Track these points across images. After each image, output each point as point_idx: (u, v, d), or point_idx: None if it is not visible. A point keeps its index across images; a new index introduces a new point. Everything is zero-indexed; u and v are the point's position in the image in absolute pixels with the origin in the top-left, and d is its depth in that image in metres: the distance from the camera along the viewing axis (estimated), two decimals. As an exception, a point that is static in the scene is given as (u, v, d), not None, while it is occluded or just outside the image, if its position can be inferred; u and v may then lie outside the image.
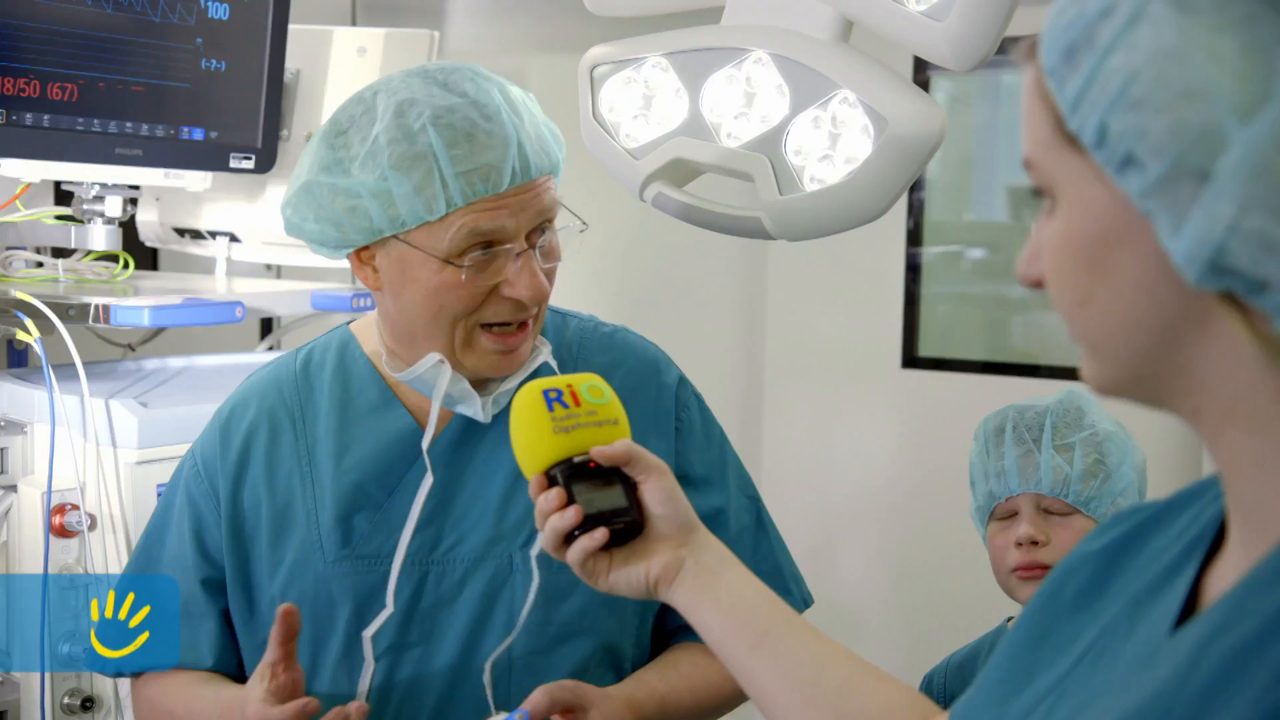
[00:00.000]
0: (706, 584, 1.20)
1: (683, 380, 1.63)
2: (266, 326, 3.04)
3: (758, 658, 1.16)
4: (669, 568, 1.20)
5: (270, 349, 2.75)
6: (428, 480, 1.50)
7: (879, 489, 3.43)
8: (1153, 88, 0.72)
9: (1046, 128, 0.79)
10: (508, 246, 1.44)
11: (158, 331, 2.61)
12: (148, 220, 2.64)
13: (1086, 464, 1.72)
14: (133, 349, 2.62)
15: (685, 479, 1.57)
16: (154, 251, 3.00)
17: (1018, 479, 1.73)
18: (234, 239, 2.60)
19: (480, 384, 1.52)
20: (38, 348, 1.91)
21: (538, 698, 1.35)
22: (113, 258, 2.39)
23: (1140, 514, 0.94)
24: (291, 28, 2.49)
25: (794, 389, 3.50)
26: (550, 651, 1.50)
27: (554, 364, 1.54)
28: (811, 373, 3.48)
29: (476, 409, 1.51)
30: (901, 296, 3.42)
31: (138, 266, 2.91)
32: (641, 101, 1.82)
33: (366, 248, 1.48)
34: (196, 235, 2.65)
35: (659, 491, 1.22)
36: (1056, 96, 0.77)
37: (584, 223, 1.53)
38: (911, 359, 3.39)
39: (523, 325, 1.49)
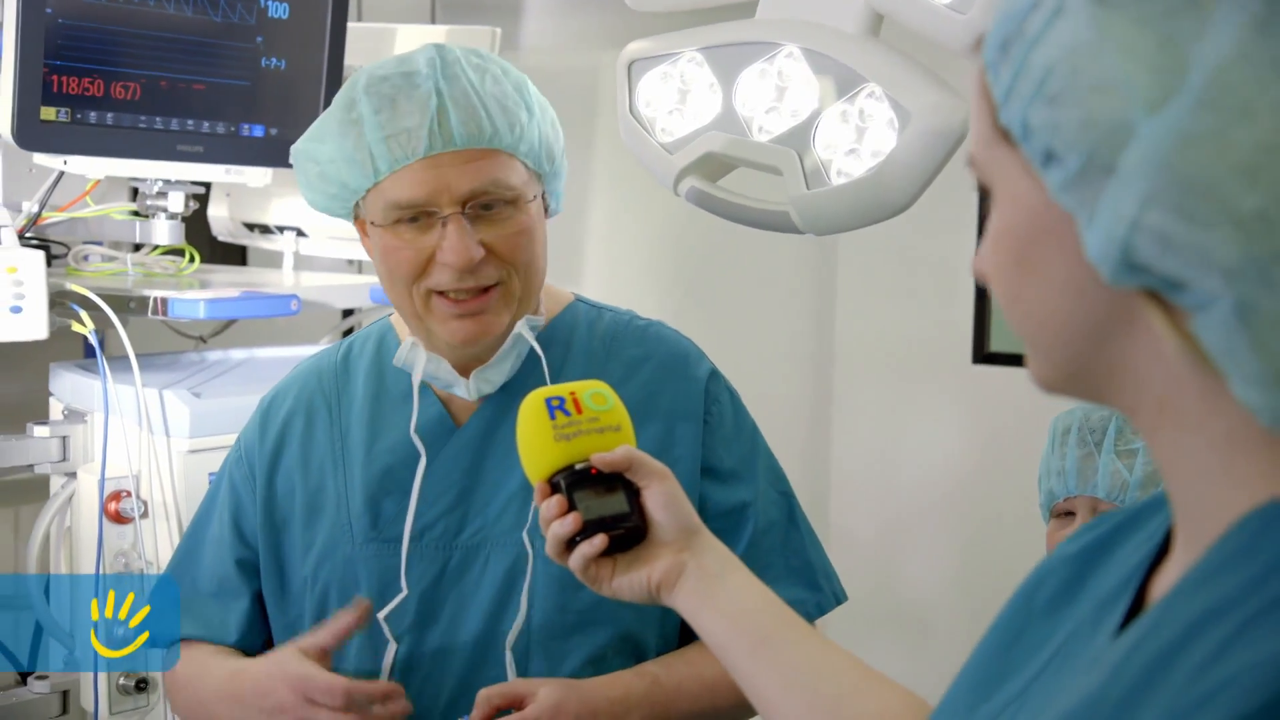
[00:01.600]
0: (708, 588, 1.20)
1: (714, 374, 1.63)
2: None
3: (756, 663, 1.17)
4: (670, 572, 1.21)
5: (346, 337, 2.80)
6: (421, 464, 1.54)
7: (948, 485, 3.40)
8: (1067, 82, 0.71)
9: (985, 122, 0.78)
10: (434, 211, 1.47)
11: (228, 324, 2.68)
12: (219, 216, 2.71)
13: (1147, 471, 1.71)
14: (204, 341, 2.68)
15: (714, 473, 1.58)
16: (243, 249, 3.07)
17: (1076, 480, 1.73)
18: (301, 234, 2.65)
19: (464, 368, 1.56)
20: (93, 339, 1.97)
21: (479, 702, 1.41)
22: (180, 252, 2.45)
23: (1117, 517, 0.94)
24: (356, 26, 2.53)
25: (863, 384, 3.48)
26: (567, 638, 1.53)
27: (532, 339, 1.55)
28: (881, 368, 3.46)
29: (462, 388, 1.55)
30: (972, 291, 3.38)
31: (226, 262, 2.99)
32: (677, 96, 1.83)
33: (359, 217, 1.54)
34: (265, 230, 2.70)
35: (661, 496, 1.23)
36: (993, 90, 0.77)
37: (547, 204, 1.57)
38: (983, 354, 3.35)
39: (483, 292, 1.50)
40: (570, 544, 1.22)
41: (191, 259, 2.45)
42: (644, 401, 1.57)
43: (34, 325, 1.86)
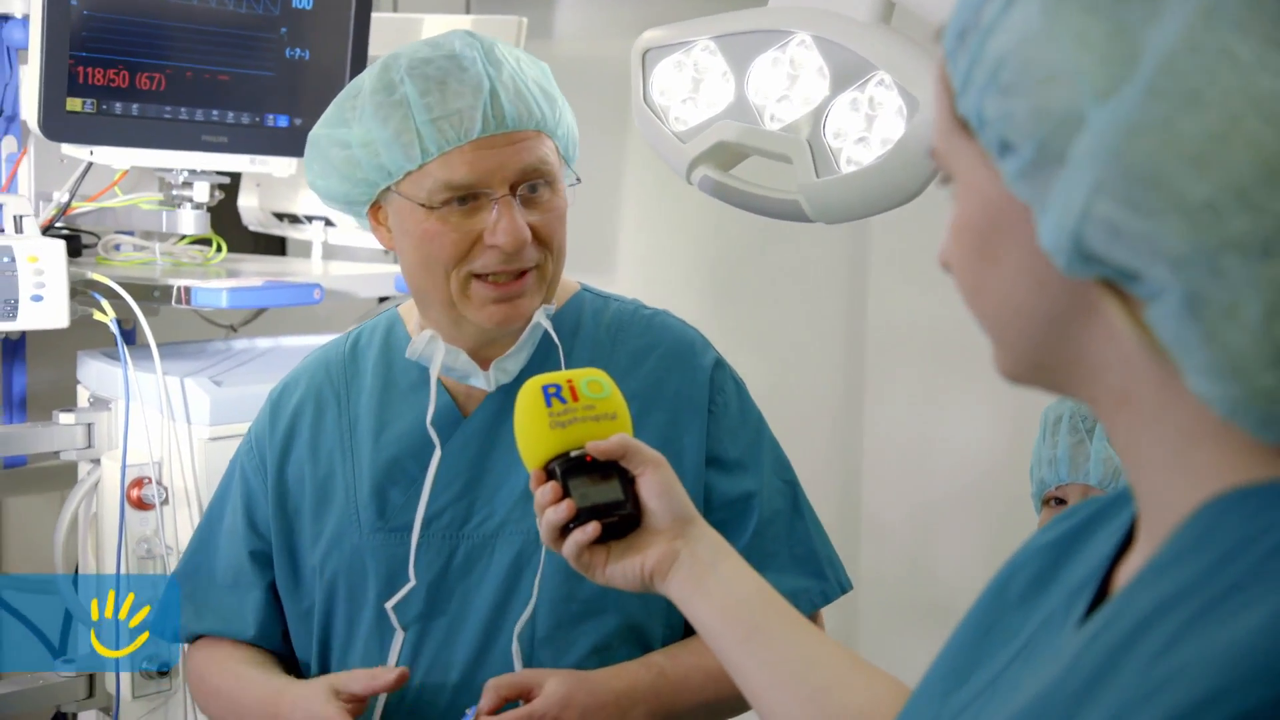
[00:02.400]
0: (699, 577, 1.20)
1: (719, 363, 1.63)
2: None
3: (745, 652, 1.17)
4: (663, 560, 1.21)
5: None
6: (436, 455, 1.54)
7: (981, 472, 3.38)
8: (1019, 71, 0.71)
9: (944, 112, 0.78)
10: (486, 192, 1.48)
11: (258, 313, 2.71)
12: (249, 206, 2.74)
13: None
14: (234, 330, 2.71)
15: (718, 462, 1.58)
16: (283, 239, 3.10)
17: (1068, 468, 1.72)
18: (329, 223, 2.67)
19: (482, 358, 1.56)
20: (113, 328, 1.99)
21: (487, 692, 1.42)
22: (206, 241, 2.47)
23: (1091, 507, 0.93)
24: (382, 16, 2.55)
25: (896, 372, 3.47)
26: (572, 627, 1.53)
27: (550, 327, 1.56)
28: (913, 355, 3.44)
29: (480, 379, 1.56)
30: (1005, 279, 3.34)
31: (268, 253, 3.02)
32: (690, 85, 1.83)
33: (379, 206, 1.54)
34: (295, 220, 2.73)
35: (655, 484, 1.23)
36: (951, 80, 0.77)
37: (577, 178, 1.58)
38: (1014, 343, 3.33)
39: (520, 275, 1.51)
40: (564, 531, 1.22)
41: (219, 248, 2.48)
42: (649, 391, 1.57)
43: (55, 314, 1.89)
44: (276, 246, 3.15)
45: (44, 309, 1.88)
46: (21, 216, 1.93)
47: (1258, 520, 0.68)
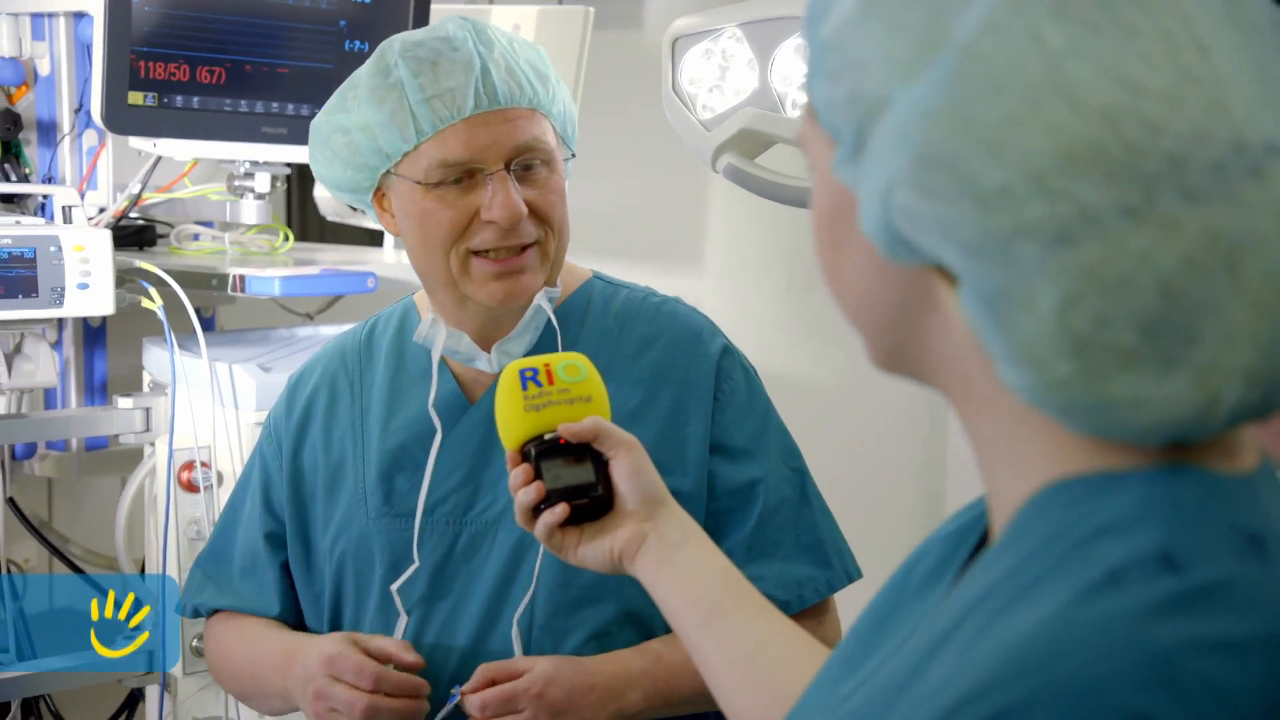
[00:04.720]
0: (665, 557, 1.21)
1: (727, 351, 1.62)
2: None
3: (704, 634, 1.17)
4: (631, 541, 1.22)
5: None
6: (437, 438, 1.56)
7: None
8: (839, 57, 0.71)
9: (805, 100, 0.79)
10: (481, 169, 1.49)
11: (333, 301, 2.76)
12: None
13: None
14: (311, 317, 2.76)
15: (723, 449, 1.58)
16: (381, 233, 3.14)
17: None
18: (398, 213, 2.70)
19: (487, 341, 1.57)
20: (160, 315, 2.04)
21: (477, 675, 1.46)
22: (273, 230, 2.53)
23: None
24: (451, 6, 2.57)
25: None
26: (570, 614, 1.54)
27: (549, 310, 1.56)
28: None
29: (484, 362, 1.57)
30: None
31: (371, 243, 3.06)
32: (718, 72, 1.82)
33: (383, 193, 1.56)
34: (366, 209, 2.76)
35: (626, 467, 1.24)
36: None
37: (572, 152, 1.59)
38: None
39: (521, 251, 1.52)
40: (537, 512, 1.24)
41: (286, 238, 2.53)
42: (655, 378, 1.57)
43: (100, 301, 1.95)
44: (377, 238, 3.19)
45: (90, 296, 1.94)
46: (70, 207, 2.00)
47: (1070, 513, 0.67)
